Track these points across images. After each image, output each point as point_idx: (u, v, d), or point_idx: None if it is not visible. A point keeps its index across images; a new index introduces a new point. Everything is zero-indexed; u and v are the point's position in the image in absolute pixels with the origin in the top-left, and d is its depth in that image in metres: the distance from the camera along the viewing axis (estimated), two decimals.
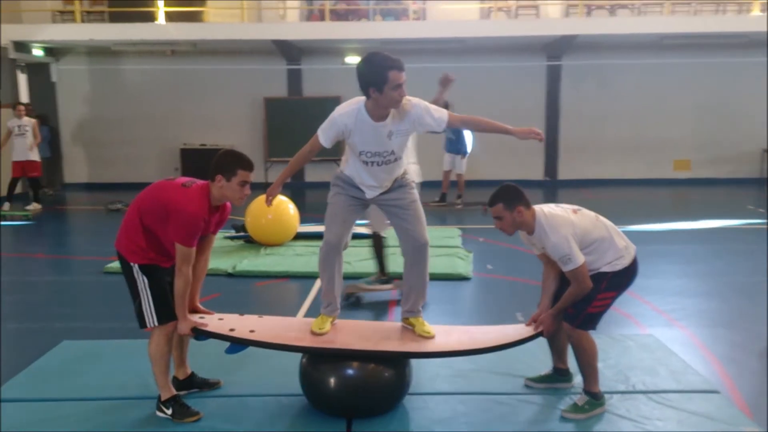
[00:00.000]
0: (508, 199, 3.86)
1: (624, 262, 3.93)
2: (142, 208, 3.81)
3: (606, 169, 15.48)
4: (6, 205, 11.72)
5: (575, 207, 4.02)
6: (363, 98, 3.90)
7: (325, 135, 4.00)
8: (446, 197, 12.12)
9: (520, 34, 13.69)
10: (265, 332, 4.05)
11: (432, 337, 4.13)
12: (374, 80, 3.74)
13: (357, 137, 3.95)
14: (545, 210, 3.91)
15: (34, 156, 12.03)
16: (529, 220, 3.87)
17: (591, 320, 3.96)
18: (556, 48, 14.70)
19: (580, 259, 3.77)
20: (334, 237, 4.14)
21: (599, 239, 3.88)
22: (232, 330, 3.99)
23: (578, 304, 3.90)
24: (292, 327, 4.32)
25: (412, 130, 4.00)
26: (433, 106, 3.97)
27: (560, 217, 3.86)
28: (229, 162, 3.76)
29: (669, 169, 15.55)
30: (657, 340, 5.16)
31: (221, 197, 3.81)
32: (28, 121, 12.04)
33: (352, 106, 3.93)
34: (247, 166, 3.78)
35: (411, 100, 3.92)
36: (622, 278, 3.96)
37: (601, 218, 4.02)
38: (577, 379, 4.18)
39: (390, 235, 5.53)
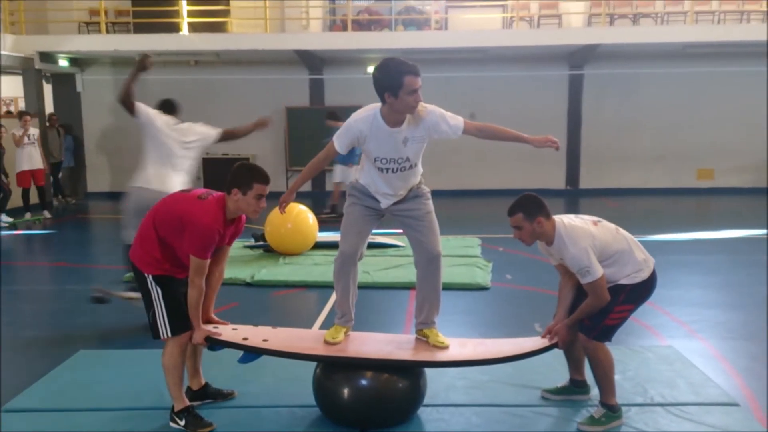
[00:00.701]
0: (529, 209, 3.83)
1: (643, 275, 3.89)
2: (158, 220, 3.82)
3: (628, 179, 15.37)
4: (27, 215, 11.83)
5: (595, 218, 3.99)
6: (379, 104, 3.90)
7: (340, 141, 4.00)
8: (337, 208, 11.37)
9: (542, 43, 13.65)
10: (279, 342, 4.06)
11: (446, 348, 4.10)
12: (390, 85, 3.74)
13: (372, 143, 3.93)
14: (565, 221, 3.88)
15: (41, 165, 12.16)
16: (548, 230, 3.84)
17: (607, 332, 3.92)
18: (579, 57, 14.64)
19: (598, 271, 3.74)
20: (350, 247, 4.13)
21: (619, 252, 3.85)
22: (245, 339, 4.00)
23: (595, 315, 3.86)
24: (305, 337, 4.33)
25: (428, 136, 3.97)
26: (449, 114, 3.95)
27: (580, 229, 3.83)
28: (244, 175, 3.76)
29: (692, 179, 15.41)
30: (676, 351, 5.11)
31: (237, 210, 3.81)
32: (34, 131, 12.13)
33: (368, 112, 3.93)
34: (263, 179, 3.78)
35: (427, 107, 3.92)
36: (641, 291, 3.92)
37: (621, 230, 3.98)
38: (595, 392, 4.14)
39: (407, 244, 5.51)
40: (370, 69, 14.64)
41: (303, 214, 8.58)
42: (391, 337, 4.47)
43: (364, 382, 3.88)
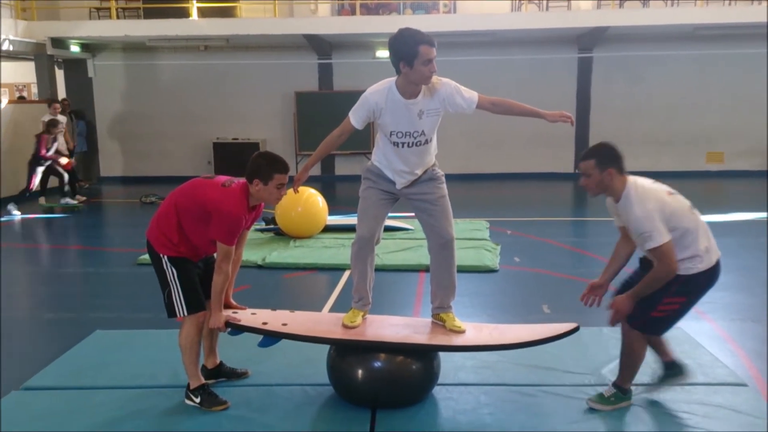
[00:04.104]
0: (603, 157, 3.69)
1: (699, 266, 3.68)
2: (180, 206, 3.87)
3: (637, 162, 15.12)
4: (42, 199, 11.86)
5: (671, 190, 3.78)
6: (393, 78, 3.94)
7: (356, 115, 4.02)
8: None
9: (550, 26, 13.59)
10: (298, 325, 4.12)
11: (463, 332, 4.13)
12: (405, 54, 3.77)
13: (388, 116, 3.96)
14: (639, 181, 3.72)
15: (66, 152, 12.18)
16: (617, 186, 3.69)
17: (653, 325, 3.78)
18: (588, 40, 14.58)
19: (664, 236, 3.53)
20: (368, 232, 4.14)
21: (685, 230, 3.63)
22: (265, 323, 4.06)
23: (642, 304, 3.71)
24: (323, 321, 4.40)
25: (443, 109, 3.99)
26: (463, 87, 3.99)
27: (651, 191, 3.67)
28: (264, 166, 3.81)
29: (701, 162, 15.35)
30: (685, 332, 5.13)
31: (259, 199, 3.89)
32: (62, 118, 12.14)
33: (383, 85, 3.97)
34: (283, 169, 3.83)
35: (441, 79, 3.96)
36: (696, 284, 3.70)
37: (696, 211, 3.76)
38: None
39: (416, 227, 5.55)
40: (379, 53, 14.72)
41: (313, 198, 8.63)
42: (407, 321, 4.51)
43: (379, 363, 3.93)
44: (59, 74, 15.14)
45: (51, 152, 11.46)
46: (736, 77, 14.85)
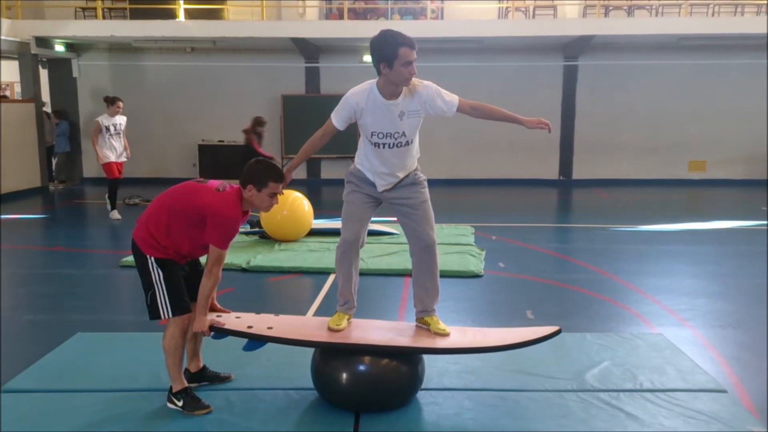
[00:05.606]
0: None
1: None
2: (172, 209, 3.86)
3: (621, 169, 15.44)
4: (114, 213, 10.75)
5: None
6: (375, 79, 3.98)
7: (337, 116, 4.06)
8: None
9: (537, 34, 13.67)
10: (283, 329, 4.11)
11: (447, 335, 4.14)
12: (385, 56, 3.81)
13: (369, 117, 3.99)
14: None
15: (124, 157, 10.78)
16: None
17: None
18: (573, 48, 14.69)
19: None
20: (352, 235, 4.16)
21: None
22: (250, 327, 4.05)
23: None
24: (308, 324, 4.39)
25: (423, 111, 4.02)
26: (444, 91, 4.03)
27: None
28: (260, 173, 3.82)
29: (684, 170, 15.48)
30: (666, 339, 5.17)
31: (251, 204, 3.90)
32: (121, 119, 10.70)
33: (365, 86, 4.01)
34: (279, 178, 3.85)
35: (423, 82, 4.00)
36: None
37: None
38: None
39: (400, 230, 5.57)
40: (366, 57, 14.72)
41: (299, 201, 8.63)
42: (392, 324, 4.52)
43: (363, 367, 3.93)
44: (43, 74, 15.06)
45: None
46: (720, 87, 14.99)
